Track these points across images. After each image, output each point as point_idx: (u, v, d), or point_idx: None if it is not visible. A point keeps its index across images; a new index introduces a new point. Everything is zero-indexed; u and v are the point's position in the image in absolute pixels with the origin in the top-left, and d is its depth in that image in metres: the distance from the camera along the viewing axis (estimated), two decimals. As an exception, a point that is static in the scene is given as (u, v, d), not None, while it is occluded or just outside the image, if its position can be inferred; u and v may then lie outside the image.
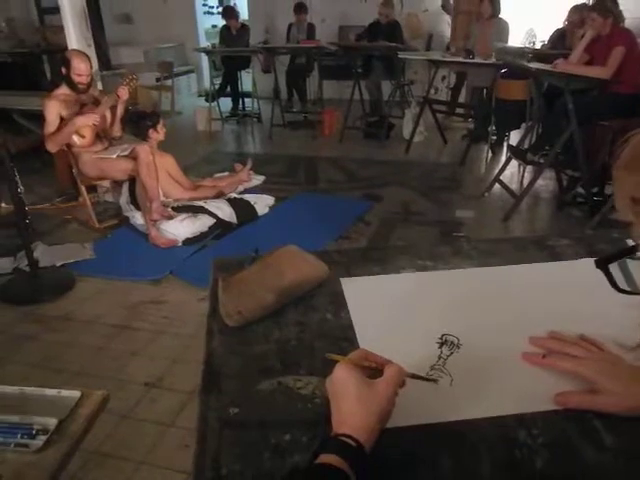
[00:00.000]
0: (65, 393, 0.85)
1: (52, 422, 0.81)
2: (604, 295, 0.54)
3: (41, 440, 0.79)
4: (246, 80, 7.05)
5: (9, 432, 0.80)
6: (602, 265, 0.41)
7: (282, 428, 0.62)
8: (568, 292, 0.83)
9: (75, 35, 3.81)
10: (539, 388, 0.67)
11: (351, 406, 0.57)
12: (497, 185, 4.23)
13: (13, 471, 0.73)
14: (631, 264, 0.39)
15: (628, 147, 0.38)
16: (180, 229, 3.36)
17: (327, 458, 0.51)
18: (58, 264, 3.09)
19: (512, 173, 4.62)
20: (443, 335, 0.77)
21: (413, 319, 0.82)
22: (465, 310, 0.83)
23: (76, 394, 0.85)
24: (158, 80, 7.16)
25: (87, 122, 3.35)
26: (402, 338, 0.77)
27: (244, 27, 6.78)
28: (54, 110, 3.32)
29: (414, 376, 0.65)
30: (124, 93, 3.46)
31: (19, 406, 0.85)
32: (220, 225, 3.48)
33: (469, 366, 0.71)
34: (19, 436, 0.79)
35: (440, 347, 0.75)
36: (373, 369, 0.62)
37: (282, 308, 0.84)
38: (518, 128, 5.29)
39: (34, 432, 0.79)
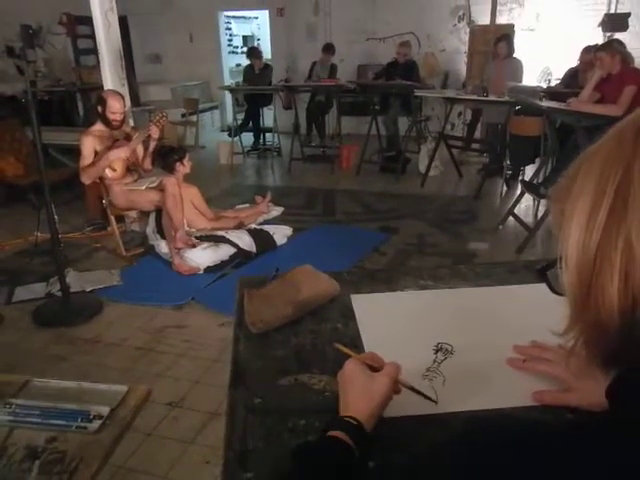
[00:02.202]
0: (115, 387, 0.99)
1: (105, 410, 0.96)
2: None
3: (97, 424, 0.93)
4: (267, 116, 7.32)
5: (71, 417, 0.94)
6: (542, 273, 0.53)
7: (298, 415, 0.73)
8: (551, 309, 0.93)
9: (111, 75, 4.07)
10: (520, 387, 0.78)
11: (355, 394, 0.68)
12: (511, 218, 4.32)
13: (75, 448, 0.87)
14: (555, 271, 0.51)
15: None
16: (202, 257, 3.50)
17: (334, 433, 0.62)
18: (87, 289, 3.25)
19: (527, 206, 4.70)
20: (439, 343, 0.89)
21: (413, 329, 0.94)
22: (459, 323, 0.95)
23: (124, 388, 0.99)
24: (184, 116, 7.50)
25: (119, 155, 3.57)
26: (403, 345, 0.88)
27: (267, 66, 7.08)
28: (89, 145, 3.55)
29: (414, 390, 0.75)
30: (155, 131, 3.68)
31: (78, 397, 0.99)
32: (240, 254, 3.62)
33: (460, 369, 0.82)
34: (79, 420, 0.93)
35: (436, 353, 0.86)
36: (376, 368, 0.73)
37: (298, 318, 0.96)
38: (533, 163, 5.39)
39: (91, 417, 0.94)
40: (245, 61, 7.68)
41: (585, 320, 0.43)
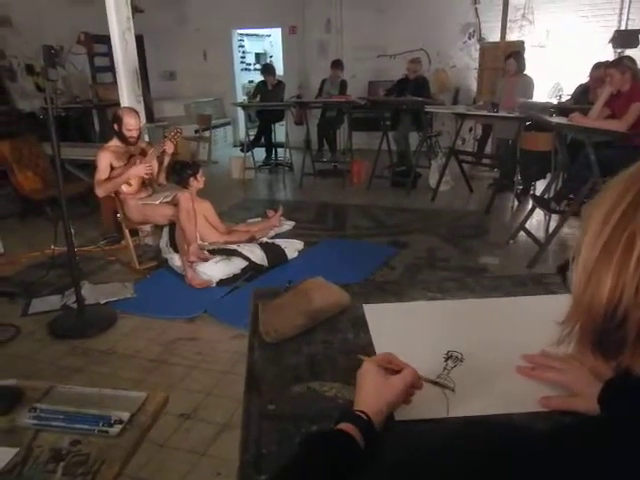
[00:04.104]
0: (134, 394, 1.04)
1: (125, 415, 1.00)
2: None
3: (118, 428, 0.97)
4: (279, 131, 7.41)
5: (93, 421, 0.99)
6: (561, 271, 0.57)
7: (310, 421, 0.76)
8: (558, 319, 0.96)
9: (127, 92, 4.18)
10: (527, 393, 0.80)
11: (368, 391, 0.73)
12: (522, 233, 4.31)
13: (98, 451, 0.91)
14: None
15: None
16: (215, 270, 3.54)
17: (343, 425, 0.67)
18: (102, 302, 3.30)
19: (538, 221, 4.70)
20: (449, 351, 0.92)
21: (424, 338, 0.97)
22: (469, 332, 0.98)
23: (143, 395, 1.03)
24: (197, 132, 7.62)
25: (139, 174, 3.67)
26: (414, 352, 0.90)
27: (280, 83, 7.19)
28: (106, 160, 3.64)
29: (435, 382, 0.81)
30: (170, 147, 3.76)
31: (99, 403, 1.04)
32: (252, 267, 3.66)
33: (469, 376, 0.85)
34: (101, 424, 0.98)
35: (446, 361, 0.90)
36: (395, 371, 0.77)
37: (311, 328, 0.99)
38: (544, 178, 5.39)
39: (112, 422, 0.98)
40: (258, 78, 7.81)
41: (582, 308, 0.47)
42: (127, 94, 4.18)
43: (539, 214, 4.58)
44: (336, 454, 0.63)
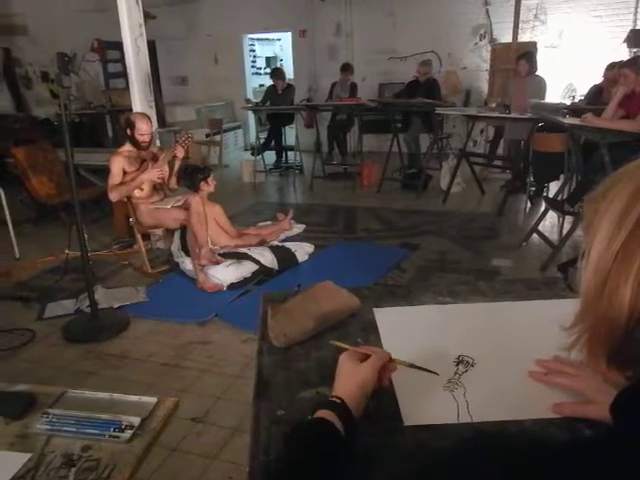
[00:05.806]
0: (145, 399, 1.05)
1: (136, 420, 1.01)
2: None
3: (128, 433, 0.98)
4: (290, 135, 7.43)
5: (104, 426, 1.00)
6: (563, 269, 0.55)
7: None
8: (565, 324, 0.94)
9: (139, 97, 4.23)
10: (540, 399, 0.79)
11: (342, 378, 0.76)
12: (535, 235, 4.27)
13: (109, 456, 0.92)
14: (575, 269, 0.52)
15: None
16: (226, 274, 3.56)
17: (321, 412, 0.69)
18: (115, 306, 3.32)
19: (552, 223, 4.65)
20: (460, 356, 0.91)
21: (435, 342, 0.97)
22: (480, 336, 0.97)
23: (153, 400, 1.04)
24: (208, 136, 7.67)
25: (152, 178, 3.71)
26: (425, 357, 0.90)
27: (290, 87, 7.22)
28: (119, 165, 3.68)
29: (414, 366, 0.82)
30: (181, 151, 3.79)
31: (110, 407, 1.05)
32: (263, 271, 3.66)
33: (481, 381, 0.84)
34: (111, 430, 0.99)
35: (457, 365, 0.89)
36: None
37: (320, 333, 0.99)
38: (557, 179, 5.34)
39: (123, 427, 0.99)
40: (268, 82, 7.84)
41: (595, 314, 0.45)
42: (139, 99, 4.22)
43: (552, 216, 4.53)
44: (316, 440, 0.65)
